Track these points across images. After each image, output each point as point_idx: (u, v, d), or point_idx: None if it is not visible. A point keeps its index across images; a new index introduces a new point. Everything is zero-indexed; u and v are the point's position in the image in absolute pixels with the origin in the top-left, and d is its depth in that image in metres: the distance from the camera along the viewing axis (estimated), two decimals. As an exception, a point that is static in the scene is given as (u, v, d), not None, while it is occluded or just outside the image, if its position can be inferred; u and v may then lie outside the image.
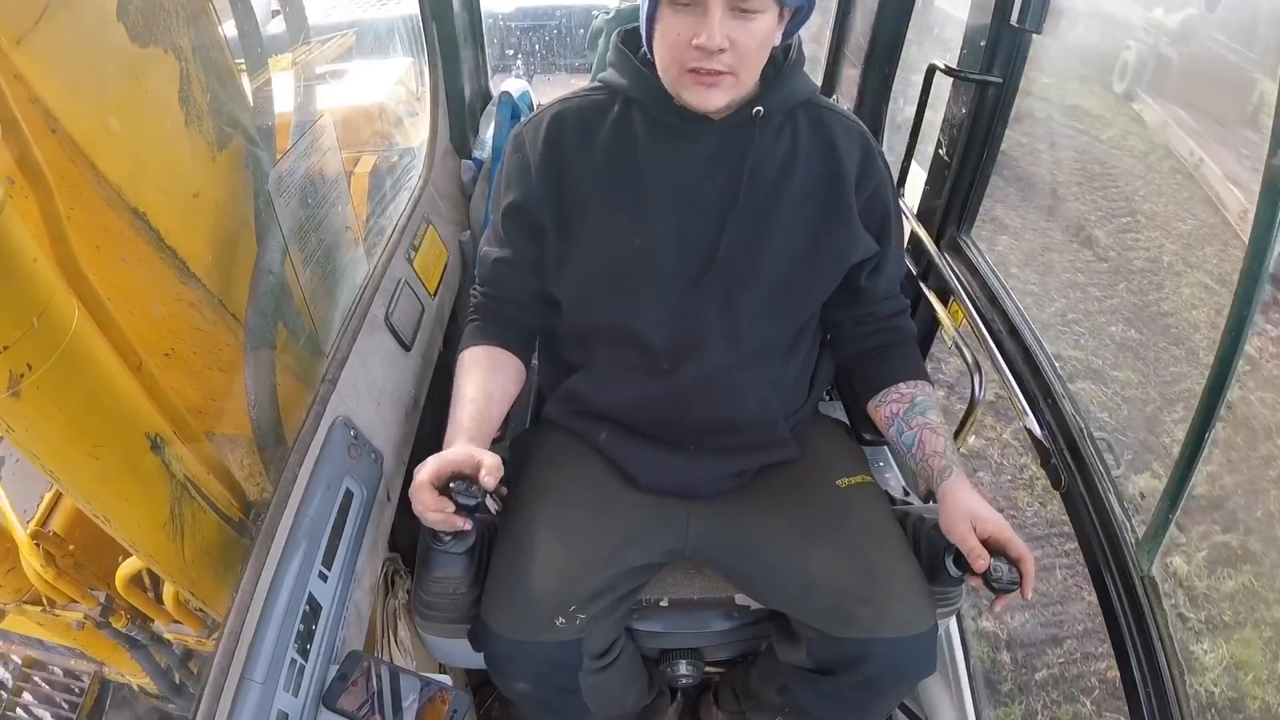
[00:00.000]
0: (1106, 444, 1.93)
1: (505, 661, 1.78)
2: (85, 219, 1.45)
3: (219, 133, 1.72)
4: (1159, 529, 1.70)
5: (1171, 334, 6.07)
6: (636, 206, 1.81)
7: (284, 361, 1.81)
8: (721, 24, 1.55)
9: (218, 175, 1.75)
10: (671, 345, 1.87)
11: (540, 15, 6.01)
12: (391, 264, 2.21)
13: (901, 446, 1.93)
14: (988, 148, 2.32)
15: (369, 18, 5.49)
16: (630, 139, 1.81)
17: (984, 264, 2.36)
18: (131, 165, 1.52)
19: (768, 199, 1.80)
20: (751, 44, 1.60)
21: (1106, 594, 1.81)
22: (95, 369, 1.26)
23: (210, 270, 1.70)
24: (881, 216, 1.90)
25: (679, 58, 1.62)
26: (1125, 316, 6.24)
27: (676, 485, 1.94)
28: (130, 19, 1.49)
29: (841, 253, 1.86)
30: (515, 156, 1.89)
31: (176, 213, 1.63)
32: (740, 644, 2.18)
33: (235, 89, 1.82)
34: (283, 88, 2.02)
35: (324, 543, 1.54)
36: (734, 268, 1.81)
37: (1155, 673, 1.67)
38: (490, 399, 1.85)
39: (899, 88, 2.95)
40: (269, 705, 1.29)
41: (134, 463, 1.38)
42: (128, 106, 1.54)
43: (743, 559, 1.91)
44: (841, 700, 1.89)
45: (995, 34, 2.15)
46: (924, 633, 1.73)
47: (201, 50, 1.68)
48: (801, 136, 1.82)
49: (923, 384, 1.96)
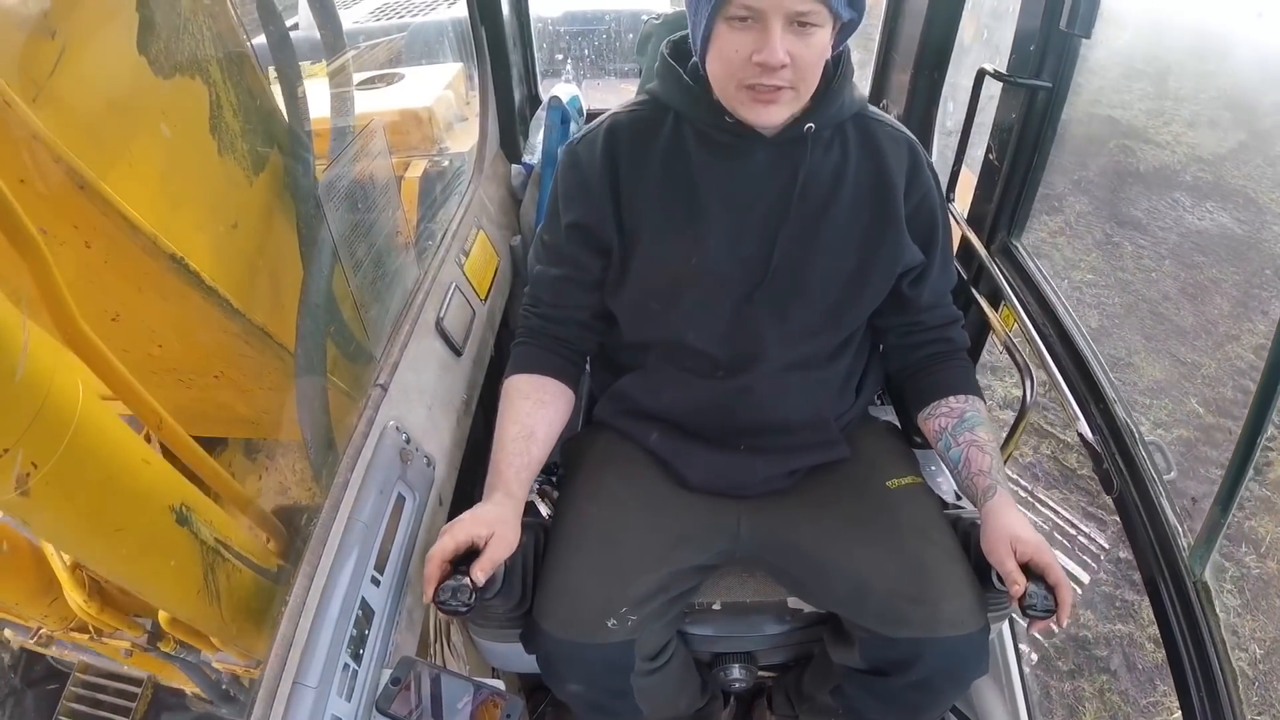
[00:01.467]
0: (1158, 448, 1.92)
1: (558, 663, 1.78)
2: (123, 264, 1.45)
3: (254, 156, 1.72)
4: (1211, 534, 1.68)
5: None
6: (692, 224, 1.80)
7: (335, 369, 1.81)
8: (782, 39, 1.54)
9: (255, 200, 1.75)
10: (724, 355, 1.88)
11: (589, 20, 5.98)
12: (442, 269, 2.21)
13: (949, 462, 1.93)
14: (1038, 152, 2.31)
15: (418, 22, 5.51)
16: (684, 156, 1.81)
17: (1035, 268, 2.34)
18: (165, 208, 1.50)
19: (818, 212, 1.80)
20: (811, 57, 1.59)
21: (1159, 599, 1.79)
22: (106, 452, 1.26)
23: (254, 302, 1.69)
24: (928, 226, 1.90)
25: (736, 74, 1.61)
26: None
27: (727, 485, 1.94)
28: (153, 50, 1.47)
29: (890, 264, 1.86)
30: (572, 174, 1.88)
31: (215, 249, 1.62)
32: (793, 647, 2.18)
33: (269, 105, 1.82)
34: (321, 97, 2.00)
35: (376, 548, 1.54)
36: (785, 281, 1.82)
37: (1209, 678, 1.66)
38: (532, 438, 1.85)
39: (948, 91, 2.94)
40: (322, 710, 1.30)
41: (160, 539, 1.39)
42: (157, 146, 1.53)
43: (793, 560, 1.91)
44: (895, 701, 1.89)
45: (1045, 38, 2.13)
46: (976, 632, 1.73)
47: (231, 70, 1.67)
48: (851, 149, 1.82)
49: (973, 399, 1.96)
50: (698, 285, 1.83)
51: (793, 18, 1.53)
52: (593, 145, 1.86)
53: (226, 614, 1.54)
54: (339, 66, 2.08)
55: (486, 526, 1.65)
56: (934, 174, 1.92)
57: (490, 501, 1.74)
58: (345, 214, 1.79)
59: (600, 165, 1.83)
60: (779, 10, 1.52)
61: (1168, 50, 8.37)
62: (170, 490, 1.40)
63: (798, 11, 1.52)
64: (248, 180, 1.70)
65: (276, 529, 1.83)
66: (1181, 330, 5.88)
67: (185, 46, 1.54)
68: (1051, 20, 2.09)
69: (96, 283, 1.47)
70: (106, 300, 1.55)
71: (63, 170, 1.28)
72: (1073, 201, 7.39)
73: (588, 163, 1.85)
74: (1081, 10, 1.99)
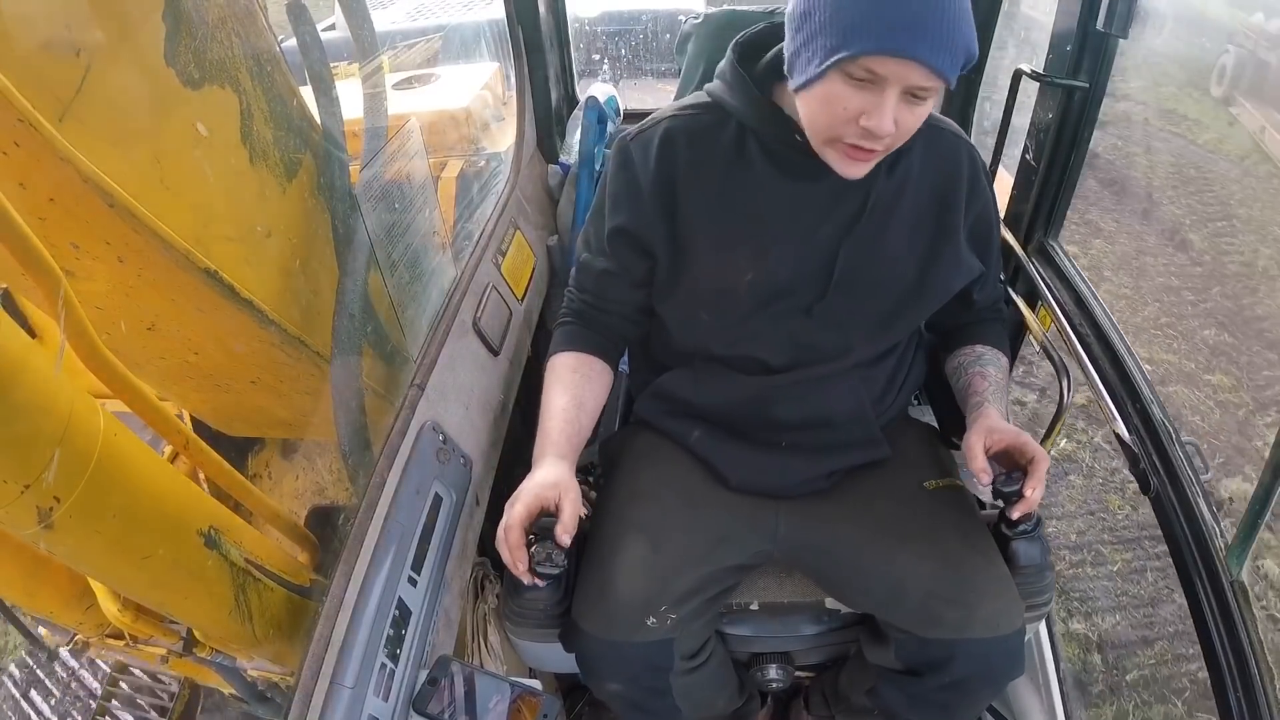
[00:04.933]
0: (1195, 449, 1.91)
1: (597, 661, 1.79)
2: (157, 278, 1.45)
3: (287, 162, 1.71)
4: (1248, 533, 1.67)
5: (1266, 338, 5.99)
6: (752, 241, 1.78)
7: (370, 370, 1.81)
8: (893, 108, 1.49)
9: (289, 208, 1.75)
10: (776, 361, 1.88)
11: (626, 19, 5.97)
12: (479, 269, 2.22)
13: (956, 391, 1.96)
14: (1075, 152, 2.30)
15: (455, 22, 5.53)
16: (747, 169, 1.78)
17: (1072, 269, 2.34)
18: (197, 222, 1.50)
19: (880, 228, 1.78)
20: (915, 125, 1.56)
21: (1196, 599, 1.79)
22: (131, 480, 1.25)
23: (289, 311, 1.70)
24: (986, 233, 1.90)
25: (837, 129, 1.56)
26: (1219, 321, 6.15)
27: (767, 484, 1.94)
28: (180, 61, 1.45)
29: (947, 279, 1.86)
30: (623, 174, 1.85)
31: (249, 260, 1.62)
32: (830, 648, 2.18)
33: (301, 110, 1.81)
34: (355, 98, 1.99)
35: (413, 547, 1.55)
36: (844, 296, 1.80)
37: (1246, 678, 1.65)
38: (581, 408, 1.86)
39: (985, 91, 2.93)
40: (359, 710, 1.31)
41: (190, 563, 1.39)
42: (187, 159, 1.51)
43: (830, 560, 1.91)
44: (930, 702, 1.89)
45: (1081, 38, 2.12)
46: (1012, 634, 1.73)
47: (262, 76, 1.66)
48: (915, 160, 1.79)
49: (994, 350, 1.99)
50: (752, 300, 1.82)
51: (911, 89, 1.49)
52: (647, 148, 1.82)
53: (259, 632, 1.55)
54: (372, 67, 2.07)
55: (553, 488, 1.67)
56: (989, 178, 1.91)
57: (544, 466, 1.74)
58: (382, 214, 1.79)
59: (655, 171, 1.80)
60: (901, 82, 1.47)
61: None
62: (198, 513, 1.40)
63: (918, 85, 1.48)
64: (280, 188, 1.70)
65: (309, 541, 1.83)
66: None
67: (214, 54, 1.52)
68: (1088, 20, 2.08)
69: (131, 295, 1.48)
70: (142, 311, 1.55)
71: (92, 189, 1.27)
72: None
73: (641, 165, 1.82)
74: (1119, 10, 1.98)
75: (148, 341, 1.63)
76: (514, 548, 1.62)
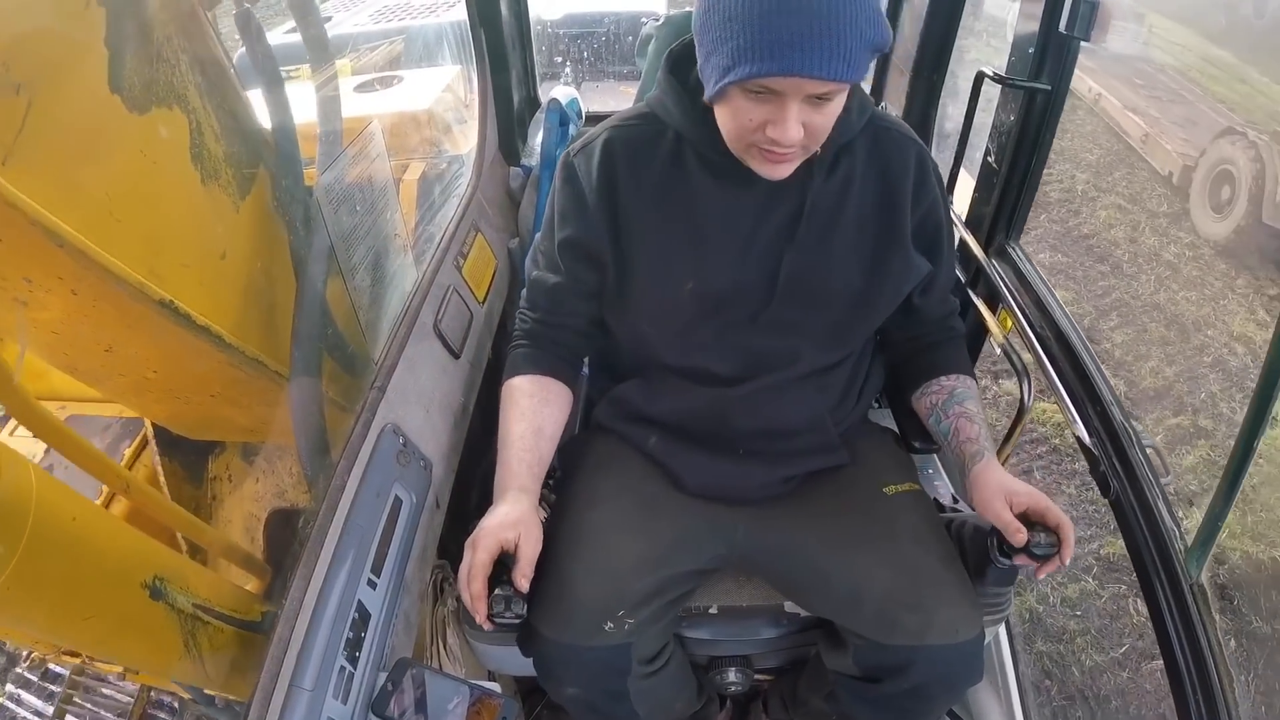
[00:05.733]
0: (1156, 452, 1.92)
1: (554, 665, 1.78)
2: (111, 308, 1.41)
3: (240, 179, 1.67)
4: (1207, 537, 1.69)
5: (1095, 253, 6.98)
6: (691, 249, 1.78)
7: (330, 378, 1.79)
8: (796, 117, 1.49)
9: (244, 225, 1.71)
10: (726, 372, 1.87)
11: (589, 22, 5.98)
12: (440, 271, 2.21)
13: (939, 436, 1.94)
14: (1036, 155, 2.31)
15: (419, 24, 5.51)
16: (683, 178, 1.78)
17: (1033, 271, 2.35)
18: (149, 252, 1.45)
19: (823, 235, 1.78)
20: (825, 124, 1.55)
21: (1156, 602, 1.80)
22: (69, 540, 1.21)
23: (248, 331, 1.67)
24: (934, 233, 1.89)
25: (746, 137, 1.57)
26: (1050, 244, 7.07)
27: (725, 490, 1.93)
28: (126, 86, 1.39)
29: (898, 282, 1.85)
30: (568, 188, 1.85)
31: (205, 284, 1.58)
32: (789, 651, 2.18)
33: (252, 123, 1.76)
34: (310, 102, 1.95)
35: (373, 550, 1.54)
36: (791, 304, 1.80)
37: (1205, 681, 1.66)
38: (540, 434, 1.85)
39: (946, 93, 2.95)
40: (318, 712, 1.30)
41: (135, 618, 1.36)
42: (137, 187, 1.45)
43: (789, 566, 1.90)
44: (889, 708, 1.89)
45: (1044, 41, 2.14)
46: (971, 640, 1.73)
47: (211, 91, 1.60)
48: (857, 162, 1.79)
49: (964, 377, 1.96)
50: (695, 309, 1.82)
51: (810, 96, 1.48)
52: (589, 159, 1.82)
53: (211, 671, 1.52)
54: (327, 71, 2.02)
55: (513, 529, 1.66)
56: (939, 178, 1.90)
57: (505, 501, 1.73)
58: (344, 217, 1.77)
59: (597, 182, 1.80)
60: (798, 92, 1.47)
61: None
62: (142, 564, 1.36)
63: (818, 93, 1.47)
64: (234, 207, 1.66)
65: (261, 566, 1.81)
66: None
67: (161, 74, 1.47)
68: (1051, 22, 2.09)
69: (88, 322, 1.45)
70: (99, 335, 1.52)
71: (40, 231, 1.23)
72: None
73: (584, 177, 1.82)
74: (1081, 12, 1.99)
75: (106, 361, 1.60)
76: (476, 597, 1.61)
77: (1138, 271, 6.62)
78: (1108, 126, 8.41)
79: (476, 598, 1.60)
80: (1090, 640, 3.82)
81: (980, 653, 1.77)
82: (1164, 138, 7.60)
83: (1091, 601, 3.98)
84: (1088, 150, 8.40)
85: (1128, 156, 8.01)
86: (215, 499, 1.91)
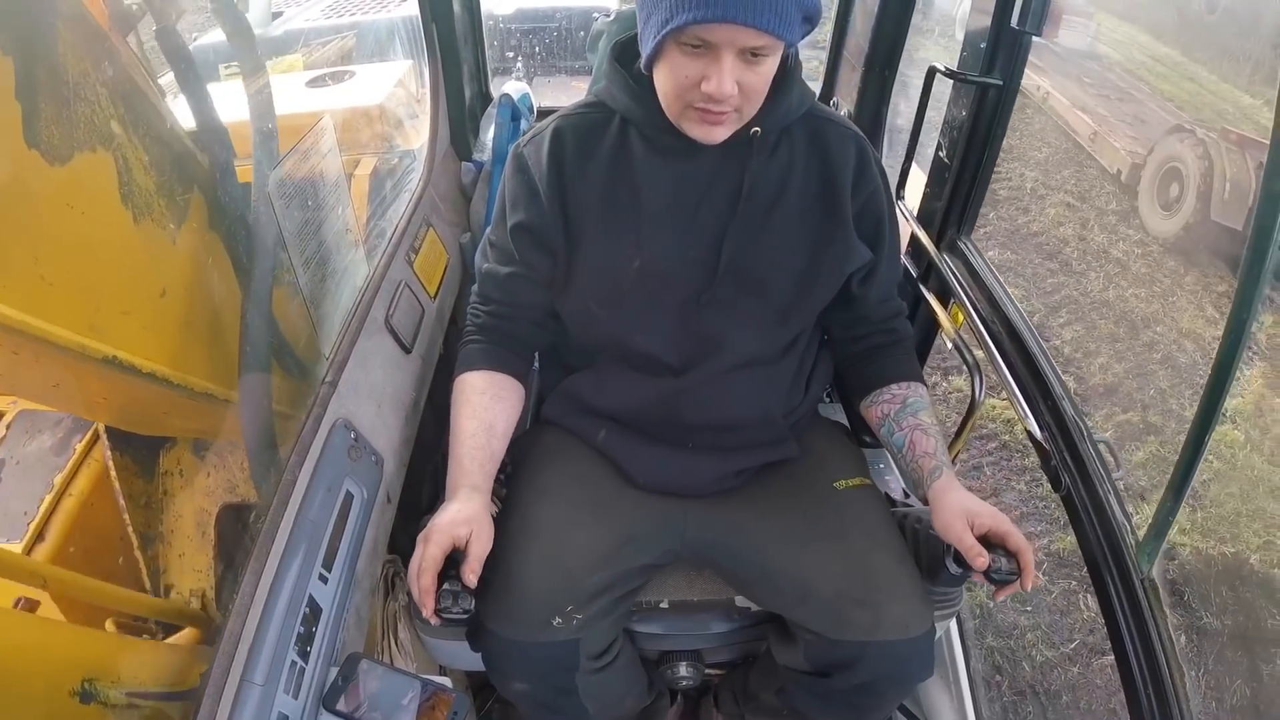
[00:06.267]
0: (1107, 446, 1.93)
1: (502, 661, 1.78)
2: (55, 363, 1.36)
3: (174, 208, 1.61)
4: (1158, 531, 1.70)
5: (1044, 250, 7.15)
6: (635, 228, 1.81)
7: (278, 387, 1.75)
8: (731, 69, 1.53)
9: (182, 255, 1.66)
10: (673, 358, 1.88)
11: (540, 17, 6.00)
12: (392, 266, 2.21)
13: (893, 447, 1.94)
14: (988, 149, 2.32)
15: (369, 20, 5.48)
16: (628, 159, 1.81)
17: (984, 265, 2.36)
18: (87, 308, 1.40)
19: (765, 215, 1.80)
20: (760, 84, 1.59)
21: (1107, 596, 1.81)
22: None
23: (195, 364, 1.65)
24: (875, 223, 1.90)
25: (684, 96, 1.61)
26: (1000, 241, 7.27)
27: (675, 484, 1.94)
28: (44, 139, 1.29)
29: (839, 264, 1.86)
30: (519, 177, 1.87)
31: (147, 327, 1.54)
32: (740, 646, 2.18)
33: (181, 145, 1.68)
34: (237, 102, 1.87)
35: (324, 545, 1.53)
36: (733, 284, 1.82)
37: (1157, 676, 1.67)
38: (491, 431, 1.86)
39: (899, 89, 2.96)
40: (269, 707, 1.29)
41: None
42: (66, 243, 1.37)
43: (740, 560, 1.91)
44: (839, 702, 1.89)
45: (995, 36, 2.15)
46: (921, 635, 1.74)
47: (137, 121, 1.53)
48: (798, 150, 1.82)
49: (915, 385, 1.97)
50: (641, 288, 1.83)
51: (745, 50, 1.52)
52: (539, 148, 1.85)
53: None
54: (254, 70, 1.93)
55: (465, 525, 1.66)
56: (882, 171, 1.92)
57: (457, 499, 1.73)
58: (295, 212, 1.75)
59: (546, 169, 1.82)
60: (733, 45, 1.51)
61: None
62: (70, 669, 1.30)
63: (751, 46, 1.51)
64: (170, 239, 1.60)
65: (198, 617, 1.78)
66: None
67: (80, 116, 1.38)
68: (1003, 18, 2.10)
69: (30, 370, 1.39)
70: (44, 378, 1.47)
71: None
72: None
73: (534, 165, 1.85)
74: (1033, 8, 2.00)
75: (53, 392, 1.56)
76: (424, 592, 1.61)
77: (1087, 269, 6.73)
78: (1056, 125, 8.56)
79: (425, 592, 1.60)
80: (1041, 635, 3.83)
81: (931, 648, 1.78)
82: (1113, 135, 7.70)
83: (1042, 597, 4.00)
84: (1036, 149, 8.56)
85: (1076, 155, 8.13)
86: (167, 494, 1.89)
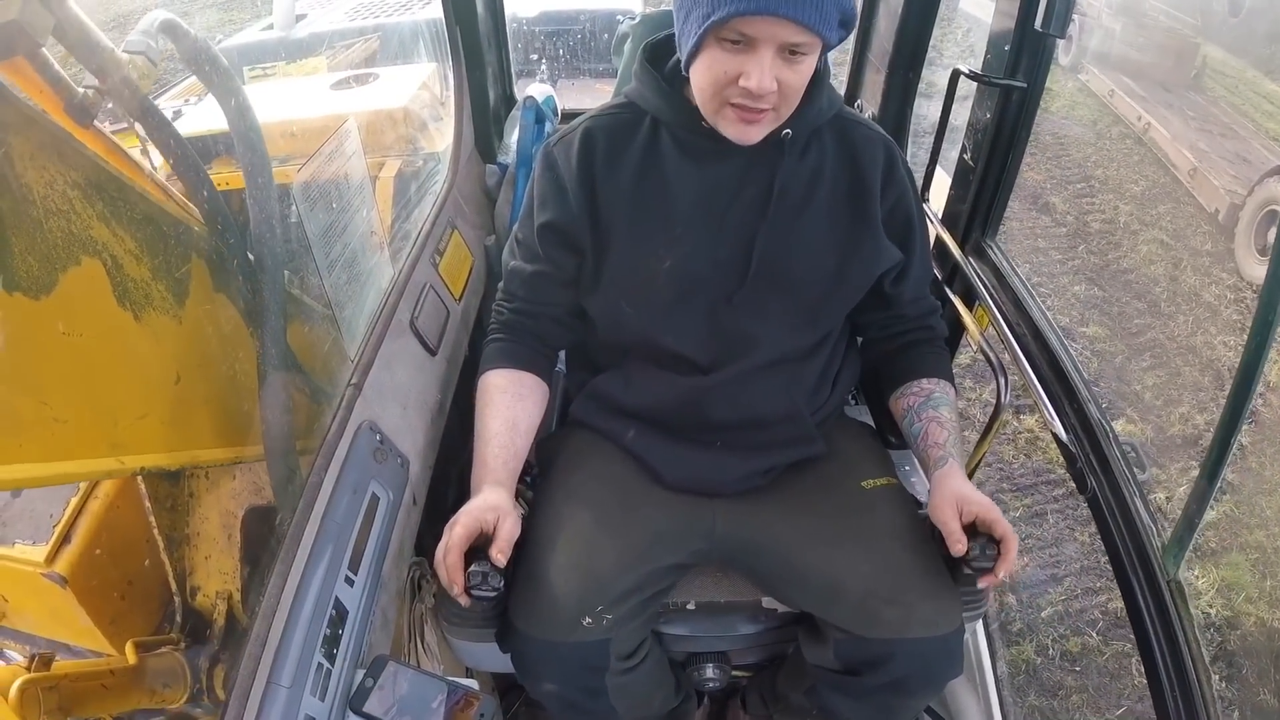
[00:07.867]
0: (1132, 448, 1.93)
1: (532, 662, 1.78)
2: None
3: (175, 286, 1.53)
4: (1184, 533, 1.69)
5: (1133, 289, 6.77)
6: (665, 228, 1.81)
7: (301, 418, 1.75)
8: (771, 66, 1.54)
9: (190, 332, 1.59)
10: (702, 357, 1.89)
11: (564, 19, 6.00)
12: (417, 268, 2.21)
13: (910, 437, 1.95)
14: (1013, 152, 2.31)
15: (393, 23, 5.50)
16: (658, 160, 1.82)
17: (1009, 268, 2.35)
18: (105, 427, 1.37)
19: (795, 216, 1.81)
20: (797, 83, 1.60)
21: (1133, 598, 1.80)
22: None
23: (220, 436, 1.66)
24: (904, 224, 1.91)
25: (721, 93, 1.61)
26: (1088, 276, 6.74)
27: (703, 483, 1.94)
28: (21, 276, 1.20)
29: (868, 265, 1.87)
30: (548, 175, 1.88)
31: (168, 421, 1.52)
32: (767, 647, 2.18)
33: (168, 213, 1.56)
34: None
35: (350, 547, 1.53)
36: (764, 284, 1.82)
37: (1183, 677, 1.67)
38: (516, 430, 1.87)
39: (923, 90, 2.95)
40: (296, 710, 1.29)
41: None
42: (68, 373, 1.33)
43: (768, 560, 1.91)
44: (869, 701, 1.89)
45: (1019, 38, 2.14)
46: (951, 633, 1.74)
47: (116, 210, 1.42)
48: (827, 152, 1.83)
49: (943, 383, 1.97)
50: (672, 288, 1.84)
51: (785, 47, 1.53)
52: (569, 148, 1.86)
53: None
54: (227, 94, 1.85)
55: (492, 511, 1.68)
56: (909, 173, 1.92)
57: (482, 494, 1.75)
58: (320, 214, 1.75)
59: (576, 168, 1.83)
60: (773, 40, 1.52)
61: None
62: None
63: (791, 42, 1.52)
64: (176, 319, 1.54)
65: (185, 667, 1.79)
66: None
67: (57, 232, 1.28)
68: (1026, 20, 2.09)
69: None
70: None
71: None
72: None
73: (564, 165, 1.85)
74: (1056, 10, 2.00)
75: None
76: (452, 569, 1.62)
77: (1175, 311, 6.49)
78: (1155, 158, 8.38)
79: (453, 568, 1.62)
80: (1087, 698, 3.76)
81: (960, 646, 1.77)
82: (1213, 173, 7.49)
83: (1093, 658, 3.92)
84: (1133, 181, 8.33)
85: (1174, 190, 7.91)
86: (193, 496, 1.89)
